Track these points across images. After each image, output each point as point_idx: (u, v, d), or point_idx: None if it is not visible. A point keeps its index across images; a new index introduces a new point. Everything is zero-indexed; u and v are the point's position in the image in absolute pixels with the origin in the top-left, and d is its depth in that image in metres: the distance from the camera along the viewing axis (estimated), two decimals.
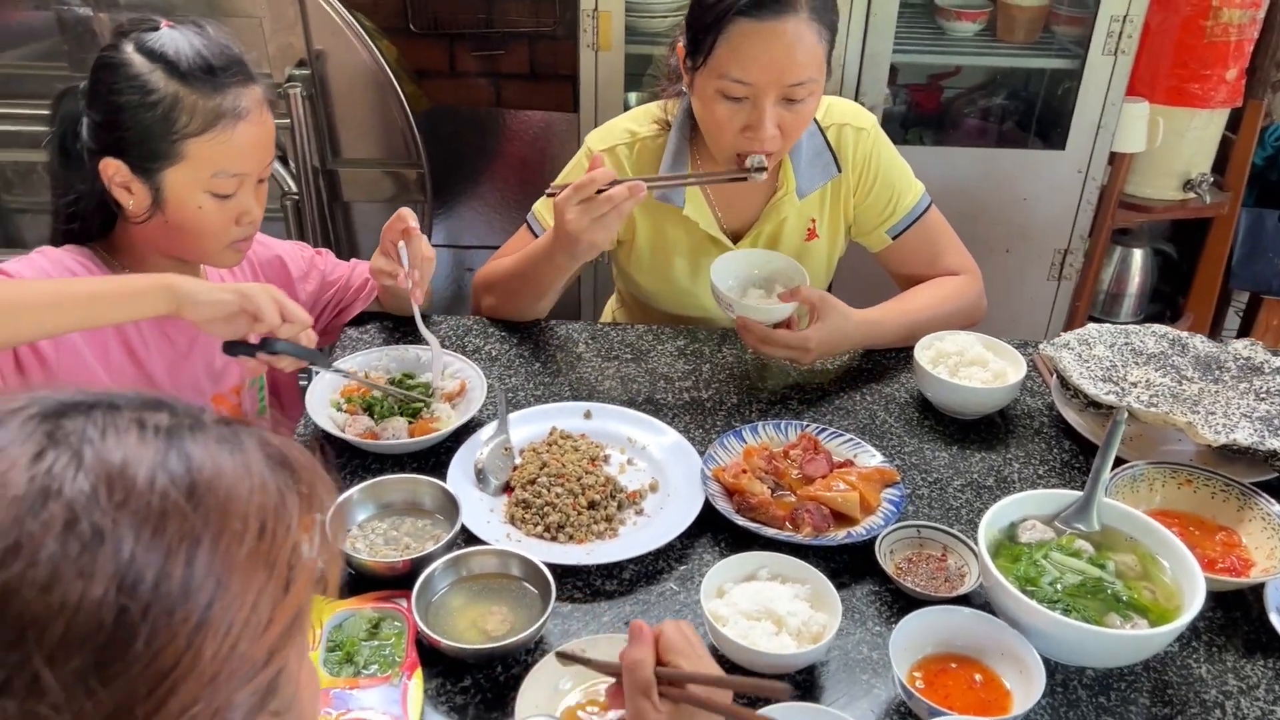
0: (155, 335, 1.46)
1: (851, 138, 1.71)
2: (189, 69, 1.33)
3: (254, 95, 1.39)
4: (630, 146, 1.71)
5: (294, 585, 0.56)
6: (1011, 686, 1.12)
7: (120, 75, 1.33)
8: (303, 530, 0.58)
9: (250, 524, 0.55)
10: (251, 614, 0.53)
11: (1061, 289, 2.80)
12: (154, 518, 0.51)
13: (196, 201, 1.38)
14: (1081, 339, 1.61)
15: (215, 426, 0.58)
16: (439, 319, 1.75)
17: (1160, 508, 1.36)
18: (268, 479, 0.57)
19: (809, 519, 1.30)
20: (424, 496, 1.31)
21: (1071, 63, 2.58)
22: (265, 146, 1.43)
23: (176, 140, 1.34)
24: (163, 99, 1.32)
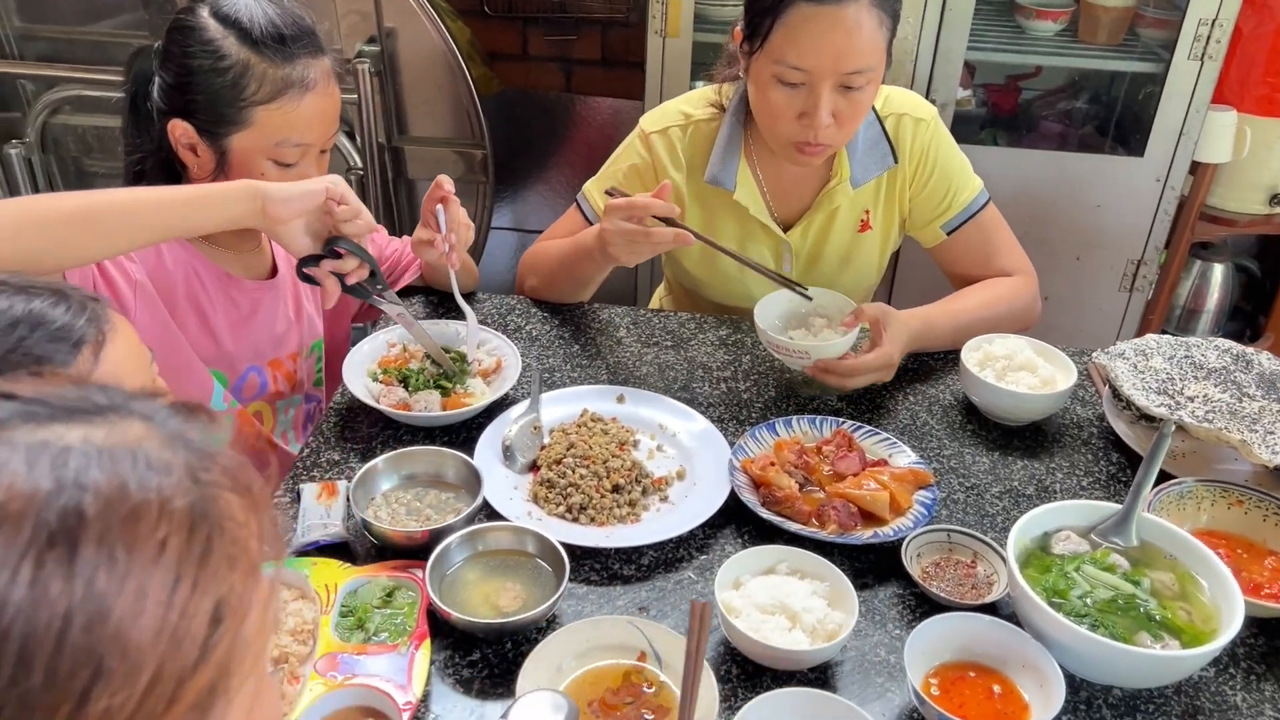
0: (221, 298, 1.49)
1: (910, 128, 1.67)
2: (261, 36, 1.34)
3: (322, 67, 1.40)
4: (684, 129, 1.69)
5: (216, 647, 0.48)
6: (1031, 700, 1.08)
7: (193, 38, 1.35)
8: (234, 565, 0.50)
9: (155, 573, 0.46)
10: (147, 697, 0.45)
11: (1133, 301, 2.71)
12: (22, 583, 0.44)
13: (259, 168, 1.39)
14: (1139, 349, 1.55)
15: (154, 430, 0.51)
16: (483, 296, 1.76)
17: (1207, 527, 1.30)
18: (187, 500, 0.49)
19: (835, 516, 1.27)
20: (448, 470, 1.32)
21: (1155, 66, 2.49)
22: (330, 118, 1.44)
23: (244, 106, 1.35)
24: (234, 65, 1.34)
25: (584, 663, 1.09)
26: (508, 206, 3.29)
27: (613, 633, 1.10)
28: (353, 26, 2.42)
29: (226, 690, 0.49)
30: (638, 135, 1.72)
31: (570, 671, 1.08)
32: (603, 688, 1.07)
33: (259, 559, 0.52)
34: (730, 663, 1.14)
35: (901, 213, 1.73)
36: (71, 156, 2.64)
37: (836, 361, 1.49)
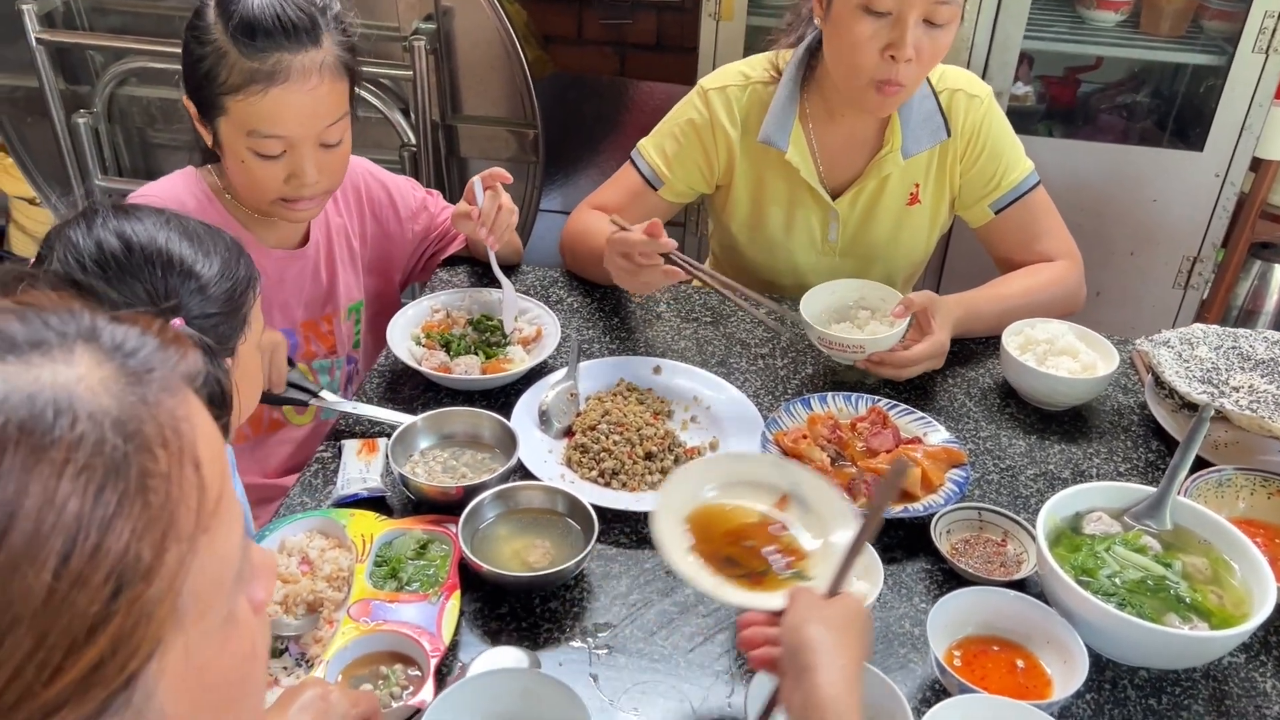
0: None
1: (964, 104, 1.67)
2: (236, 26, 1.32)
3: (306, 59, 1.35)
4: (742, 89, 1.70)
5: (114, 614, 0.44)
6: (1054, 675, 1.08)
7: (195, 20, 1.36)
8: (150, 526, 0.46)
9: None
10: (15, 677, 0.42)
11: (1187, 298, 2.66)
12: None
13: (239, 155, 1.39)
14: (1184, 338, 1.53)
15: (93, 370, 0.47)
16: (526, 268, 1.78)
17: (1245, 516, 1.29)
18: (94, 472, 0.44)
19: (866, 490, 1.28)
20: (485, 430, 1.34)
21: (1218, 59, 2.44)
22: (312, 114, 1.38)
23: (218, 94, 1.35)
24: (211, 52, 1.34)
25: (726, 495, 1.11)
26: (558, 191, 3.31)
27: (758, 469, 1.13)
28: (410, 4, 2.45)
29: (134, 659, 0.45)
30: (696, 93, 1.73)
31: (708, 499, 1.11)
32: (736, 521, 1.09)
33: (186, 520, 0.47)
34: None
35: (951, 189, 1.72)
36: (136, 127, 2.70)
37: (890, 354, 1.48)
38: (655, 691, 1.07)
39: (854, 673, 0.87)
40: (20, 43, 2.50)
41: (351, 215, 1.65)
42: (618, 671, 1.09)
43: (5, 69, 2.65)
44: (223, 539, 0.50)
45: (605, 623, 1.15)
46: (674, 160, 1.72)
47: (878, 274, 1.78)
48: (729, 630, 1.14)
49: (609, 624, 1.15)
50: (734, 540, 1.07)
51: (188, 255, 1.08)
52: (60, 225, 1.11)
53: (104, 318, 0.51)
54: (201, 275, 1.08)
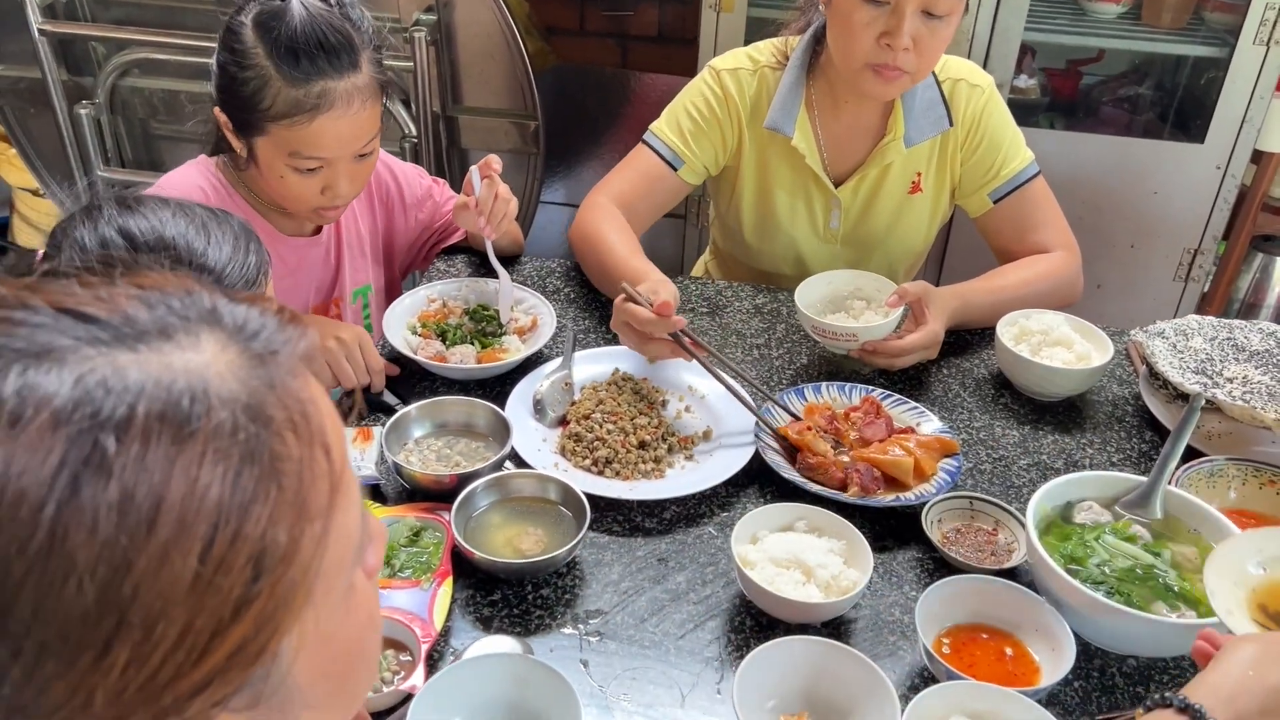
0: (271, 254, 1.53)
1: (965, 93, 1.67)
2: (283, 54, 1.34)
3: (348, 85, 1.37)
4: (752, 73, 1.70)
5: (254, 599, 0.45)
6: (1042, 662, 1.08)
7: (232, 41, 1.37)
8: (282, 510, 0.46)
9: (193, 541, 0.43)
10: (172, 654, 0.43)
11: (1188, 291, 2.66)
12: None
13: (278, 171, 1.41)
14: (1179, 329, 1.53)
15: (225, 348, 0.48)
16: (524, 260, 1.78)
17: (1236, 506, 1.29)
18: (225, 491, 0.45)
19: (858, 479, 1.28)
20: (479, 419, 1.35)
21: (1220, 51, 2.43)
22: (351, 137, 1.41)
23: (260, 119, 1.37)
24: (255, 77, 1.35)
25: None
26: (560, 182, 3.31)
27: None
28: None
29: (272, 638, 0.47)
30: (708, 73, 1.72)
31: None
32: None
33: (316, 502, 0.48)
34: (745, 614, 1.15)
35: (952, 178, 1.73)
36: (139, 119, 2.71)
37: (884, 343, 1.48)
38: (645, 678, 1.08)
39: None
40: (23, 34, 2.51)
41: (361, 201, 1.66)
42: (608, 658, 1.10)
43: (8, 60, 2.66)
44: (348, 515, 0.51)
45: (597, 609, 1.15)
46: (692, 138, 1.70)
47: (878, 262, 1.79)
48: (719, 617, 1.15)
49: (600, 611, 1.15)
50: None
51: (196, 244, 1.09)
52: (64, 222, 1.11)
53: (223, 298, 0.51)
54: (212, 264, 1.09)
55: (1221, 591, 0.97)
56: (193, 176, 1.49)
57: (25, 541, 0.41)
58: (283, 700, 0.49)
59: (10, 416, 0.42)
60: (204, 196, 1.45)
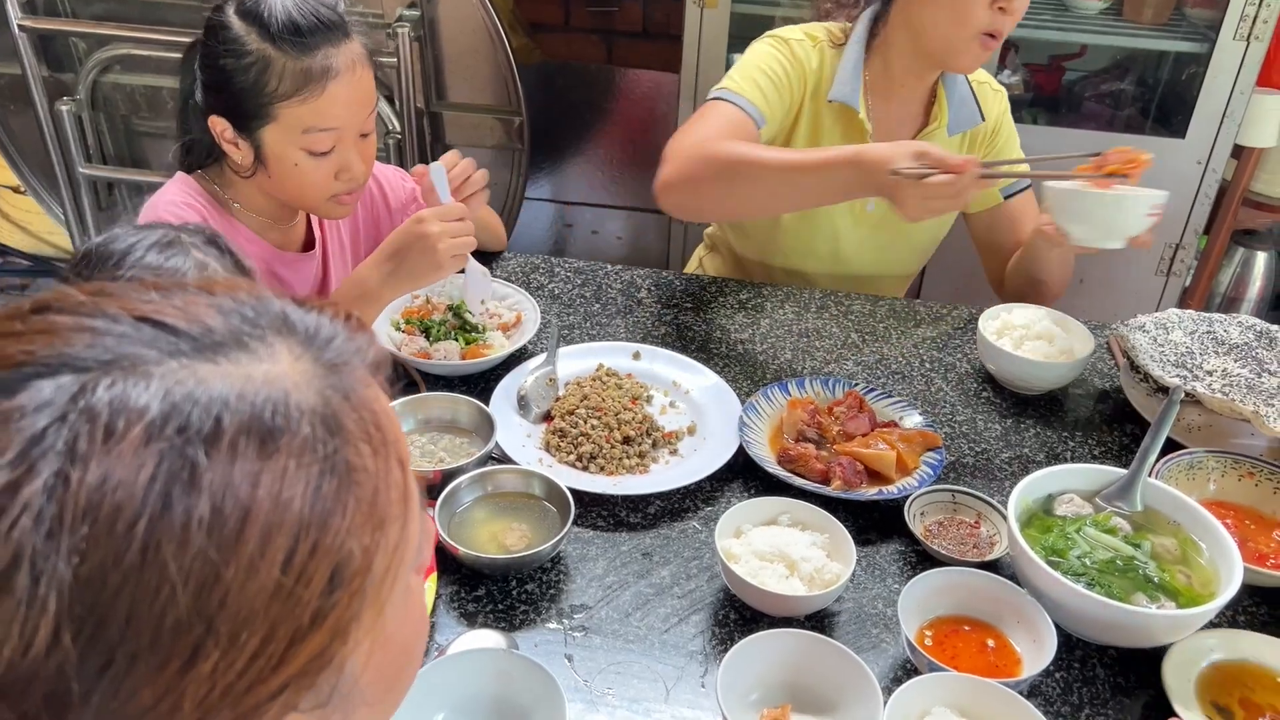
0: (264, 271, 1.52)
1: (990, 95, 1.77)
2: (278, 31, 1.33)
3: (349, 52, 1.38)
4: (813, 46, 1.69)
5: (333, 607, 0.46)
6: (1024, 654, 1.09)
7: (221, 37, 1.35)
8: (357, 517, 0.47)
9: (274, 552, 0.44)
10: (255, 658, 0.44)
11: (1170, 286, 2.67)
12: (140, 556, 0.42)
13: (292, 159, 1.40)
14: (1159, 323, 1.54)
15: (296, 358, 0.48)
16: (508, 255, 1.79)
17: (1215, 498, 1.30)
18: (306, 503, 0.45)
19: (841, 473, 1.29)
20: (463, 415, 1.35)
21: (1200, 47, 2.45)
22: (360, 104, 1.42)
23: (268, 103, 1.35)
24: (255, 61, 1.33)
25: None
26: (546, 178, 3.31)
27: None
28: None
29: (344, 644, 0.47)
30: (776, 42, 1.68)
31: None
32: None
33: (389, 512, 0.49)
34: (729, 608, 1.16)
35: None
36: (121, 115, 2.70)
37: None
38: (630, 672, 1.08)
39: None
40: (2, 30, 2.49)
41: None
42: (593, 652, 1.10)
43: None
44: (415, 525, 0.52)
45: (581, 604, 1.16)
46: (771, 100, 1.64)
47: (902, 248, 1.84)
48: (703, 611, 1.16)
49: (585, 605, 1.16)
50: None
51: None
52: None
53: (292, 304, 0.51)
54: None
55: (1177, 687, 1.06)
56: (184, 196, 1.45)
57: (121, 554, 0.41)
58: (346, 700, 0.50)
59: (105, 430, 0.42)
60: (200, 217, 1.42)
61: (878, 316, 1.69)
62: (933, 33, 1.59)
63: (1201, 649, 1.10)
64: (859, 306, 1.71)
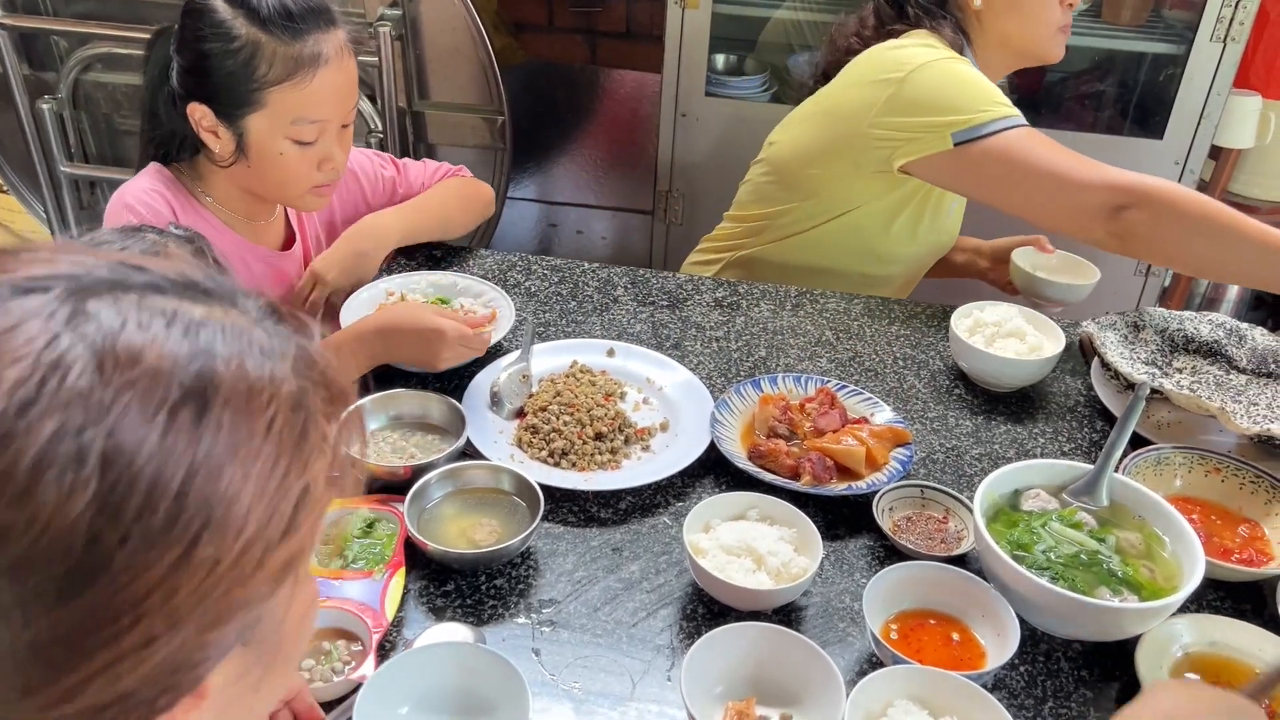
0: (239, 264, 1.52)
1: None
2: (269, 15, 1.33)
3: (336, 40, 1.38)
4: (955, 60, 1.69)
5: (299, 528, 0.53)
6: (988, 647, 1.10)
7: (205, 21, 1.34)
8: (320, 456, 0.55)
9: (264, 446, 0.51)
10: (243, 555, 0.50)
11: (1149, 285, 2.69)
12: (157, 432, 0.48)
13: (278, 148, 1.39)
14: (1130, 321, 1.55)
15: (258, 322, 0.55)
16: (485, 253, 1.79)
17: (1181, 493, 1.31)
18: (291, 388, 0.54)
19: (810, 468, 1.29)
20: (434, 411, 1.35)
21: (1178, 48, 2.46)
22: (346, 93, 1.42)
23: (257, 88, 1.34)
24: (244, 46, 1.33)
25: None
26: (530, 178, 3.32)
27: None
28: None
29: (296, 568, 0.55)
30: (946, 54, 1.66)
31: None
32: None
33: (334, 460, 0.57)
34: (697, 602, 1.16)
35: None
36: (102, 114, 2.70)
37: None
38: (596, 666, 1.09)
39: None
40: None
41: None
42: (560, 646, 1.11)
43: None
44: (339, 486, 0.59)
45: (550, 599, 1.16)
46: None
47: (937, 256, 1.94)
48: (672, 605, 1.16)
49: (553, 600, 1.16)
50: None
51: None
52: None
53: (242, 291, 0.58)
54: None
55: (1150, 675, 1.07)
56: (155, 186, 1.43)
57: (149, 435, 0.48)
58: (274, 645, 0.57)
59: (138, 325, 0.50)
60: (168, 208, 1.42)
61: (852, 314, 1.70)
62: (1019, 38, 1.70)
63: (1173, 635, 1.11)
64: (834, 304, 1.72)
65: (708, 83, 2.56)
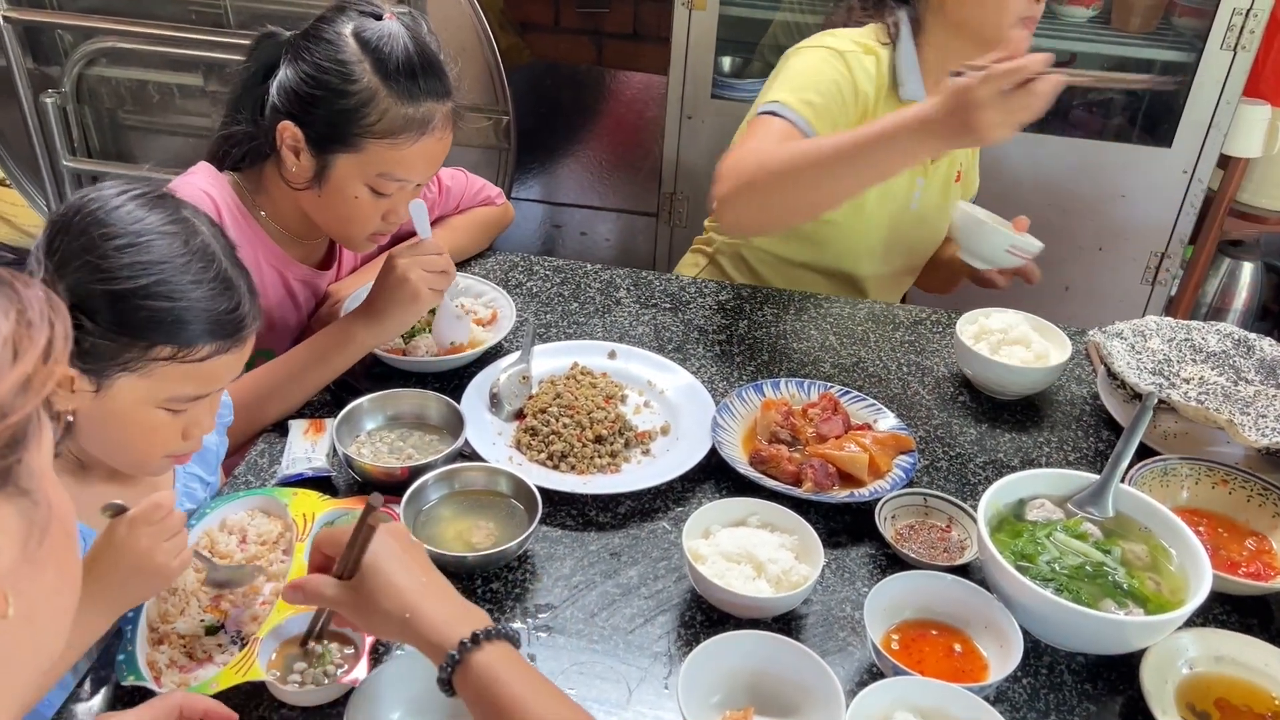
0: (304, 291, 1.53)
1: None
2: (395, 70, 1.31)
3: (444, 111, 1.38)
4: (865, 54, 1.68)
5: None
6: (990, 659, 1.08)
7: (330, 53, 1.32)
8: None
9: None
10: None
11: (1155, 294, 2.67)
12: None
13: (354, 191, 1.37)
14: (1137, 330, 1.54)
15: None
16: (487, 253, 1.78)
17: (1188, 505, 1.29)
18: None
19: (812, 474, 1.28)
20: (432, 412, 1.34)
21: (1187, 56, 2.45)
22: (436, 161, 1.42)
23: (359, 134, 1.33)
24: (361, 91, 1.31)
25: None
26: (532, 179, 3.31)
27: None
28: None
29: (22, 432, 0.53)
30: (832, 54, 1.66)
31: None
32: None
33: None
34: (695, 609, 1.15)
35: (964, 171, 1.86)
36: (106, 108, 2.69)
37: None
38: (592, 672, 1.07)
39: None
40: None
41: None
42: (556, 652, 1.09)
43: None
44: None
45: (547, 603, 1.15)
46: (820, 114, 1.60)
47: (917, 250, 1.91)
48: (670, 612, 1.15)
49: (550, 605, 1.14)
50: None
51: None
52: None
53: None
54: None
55: (1155, 691, 1.05)
56: (208, 188, 1.39)
57: None
58: (45, 507, 0.56)
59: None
60: (215, 211, 1.36)
61: (856, 320, 1.68)
62: (980, 24, 1.64)
63: (1178, 650, 1.09)
64: (838, 309, 1.71)
65: (714, 85, 2.54)
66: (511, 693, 0.83)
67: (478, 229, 1.74)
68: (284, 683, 1.00)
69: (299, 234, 1.49)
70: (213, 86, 2.61)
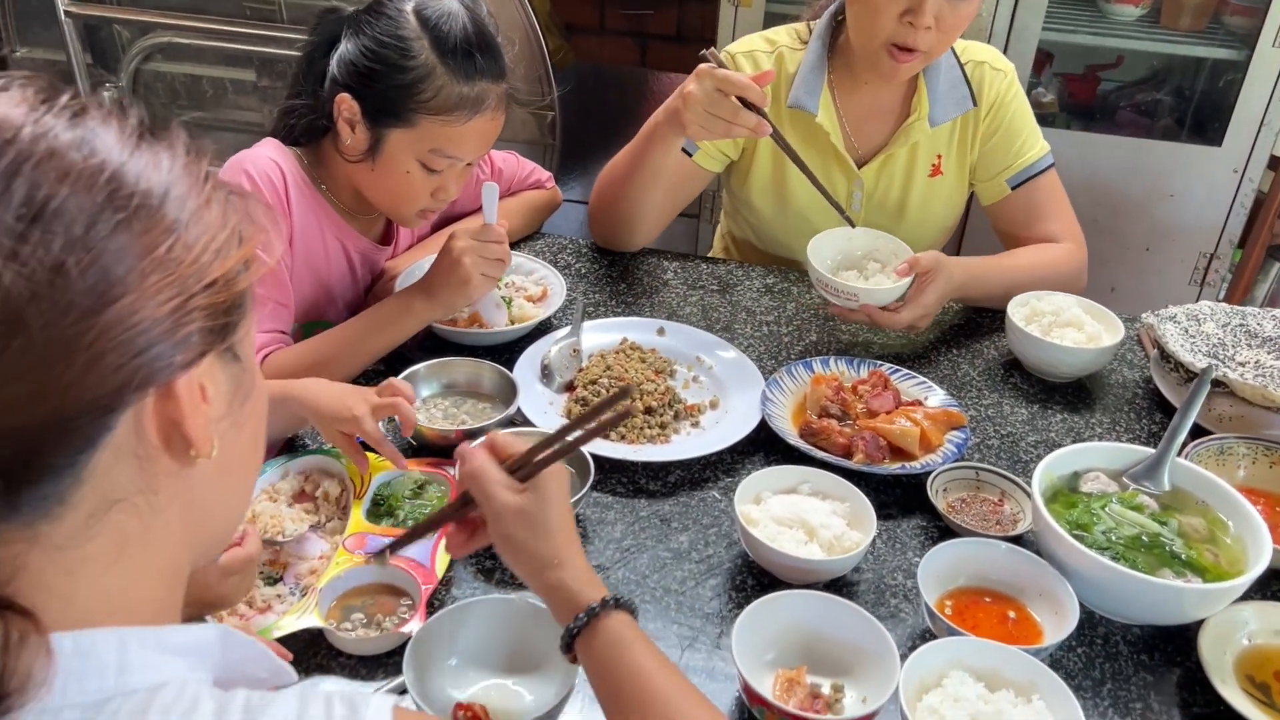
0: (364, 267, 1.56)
1: (989, 76, 1.67)
2: (453, 48, 1.33)
3: (498, 92, 1.39)
4: (769, 55, 1.68)
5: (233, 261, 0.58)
6: (1045, 626, 1.07)
7: (390, 28, 1.34)
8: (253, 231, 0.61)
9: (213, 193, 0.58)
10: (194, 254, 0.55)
11: (1204, 296, 2.64)
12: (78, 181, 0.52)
13: (406, 166, 1.39)
14: (1191, 314, 1.52)
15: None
16: (536, 236, 1.79)
17: (1244, 483, 1.28)
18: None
19: (863, 446, 1.28)
20: (485, 380, 1.36)
21: (1238, 54, 2.43)
22: (488, 141, 1.44)
23: (413, 110, 1.34)
24: (418, 67, 1.33)
25: None
26: (576, 181, 3.32)
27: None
28: None
29: (242, 307, 0.60)
30: (723, 57, 1.65)
31: None
32: None
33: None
34: (746, 574, 1.15)
35: (971, 161, 1.72)
36: (161, 103, 2.74)
37: (879, 311, 1.48)
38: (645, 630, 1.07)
39: None
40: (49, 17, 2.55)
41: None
42: None
43: (33, 43, 2.70)
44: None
45: (598, 565, 1.15)
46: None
47: (917, 233, 1.78)
48: (720, 575, 1.15)
49: (602, 566, 1.15)
50: None
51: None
52: None
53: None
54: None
55: (1214, 661, 1.04)
56: (275, 158, 1.42)
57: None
58: (250, 377, 0.63)
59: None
60: (283, 181, 1.40)
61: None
62: (853, 40, 1.59)
63: (1238, 622, 1.08)
64: None
65: None
66: (638, 661, 0.83)
67: (528, 211, 1.76)
68: (342, 631, 1.01)
69: (356, 210, 1.51)
70: (265, 82, 2.66)
